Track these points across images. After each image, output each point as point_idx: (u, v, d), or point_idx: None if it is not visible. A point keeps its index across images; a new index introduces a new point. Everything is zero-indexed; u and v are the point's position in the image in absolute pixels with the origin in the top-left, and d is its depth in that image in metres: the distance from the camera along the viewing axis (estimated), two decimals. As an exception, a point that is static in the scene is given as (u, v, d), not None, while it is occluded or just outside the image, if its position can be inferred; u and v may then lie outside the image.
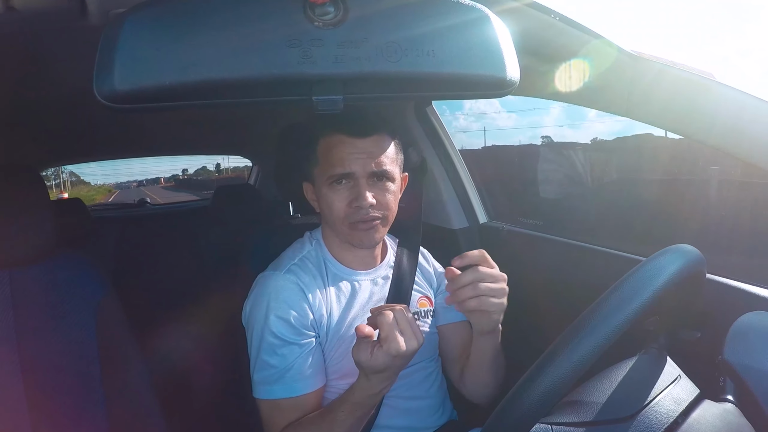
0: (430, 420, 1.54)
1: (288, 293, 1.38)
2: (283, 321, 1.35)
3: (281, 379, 1.34)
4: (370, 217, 1.38)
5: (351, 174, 1.36)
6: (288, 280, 1.40)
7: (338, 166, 1.36)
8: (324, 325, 1.41)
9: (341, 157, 1.36)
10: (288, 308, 1.37)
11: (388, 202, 1.40)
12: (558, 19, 1.23)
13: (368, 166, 1.36)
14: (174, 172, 12.89)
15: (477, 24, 0.87)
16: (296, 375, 1.34)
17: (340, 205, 1.38)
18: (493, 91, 0.92)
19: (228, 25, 0.75)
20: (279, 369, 1.34)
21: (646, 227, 2.11)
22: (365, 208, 1.36)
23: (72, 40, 1.19)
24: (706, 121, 1.23)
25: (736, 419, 0.89)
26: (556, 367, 0.77)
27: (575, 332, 0.80)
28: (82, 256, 1.54)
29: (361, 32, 0.80)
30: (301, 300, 1.39)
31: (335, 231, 1.45)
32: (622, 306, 0.81)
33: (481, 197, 2.27)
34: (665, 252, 0.92)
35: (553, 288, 1.76)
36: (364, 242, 1.42)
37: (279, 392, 1.34)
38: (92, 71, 0.73)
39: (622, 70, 1.33)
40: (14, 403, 1.36)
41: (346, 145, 1.36)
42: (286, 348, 1.35)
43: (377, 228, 1.41)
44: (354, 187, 1.37)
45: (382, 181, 1.40)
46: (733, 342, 0.97)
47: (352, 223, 1.38)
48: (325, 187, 1.39)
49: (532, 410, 0.76)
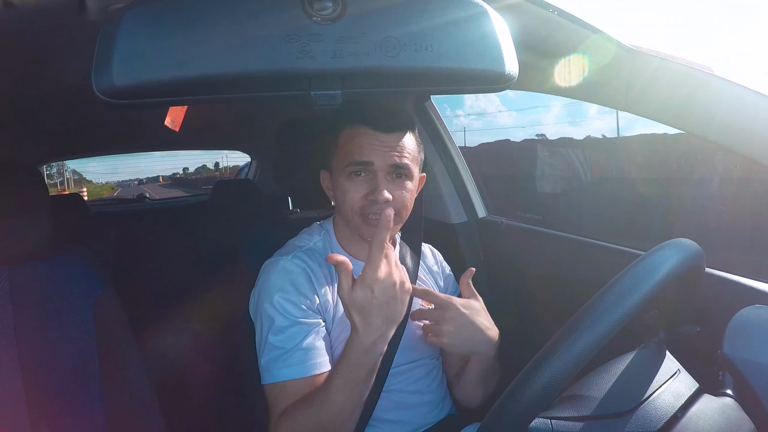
0: (429, 415, 1.54)
1: (295, 276, 1.39)
2: (290, 302, 1.36)
3: (287, 360, 1.33)
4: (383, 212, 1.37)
5: (369, 163, 1.36)
6: (295, 264, 1.41)
7: (357, 153, 1.36)
8: (330, 313, 1.42)
9: (361, 146, 1.36)
10: (295, 290, 1.37)
11: (404, 200, 1.40)
12: (557, 14, 1.23)
13: (388, 158, 1.36)
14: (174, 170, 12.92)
15: (475, 19, 0.87)
16: (303, 356, 1.33)
17: (356, 196, 1.37)
18: (491, 86, 0.92)
19: (227, 20, 0.75)
20: (285, 350, 1.33)
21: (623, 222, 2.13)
22: (380, 202, 1.35)
23: (70, 36, 1.19)
24: (705, 115, 1.23)
25: (736, 413, 0.89)
26: (555, 362, 0.77)
27: (574, 327, 0.80)
28: (81, 252, 1.54)
29: (359, 27, 0.80)
30: (308, 283, 1.39)
31: (347, 221, 1.44)
32: (621, 300, 0.81)
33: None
34: (664, 246, 0.92)
35: (551, 282, 1.77)
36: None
37: (285, 374, 1.33)
38: (91, 67, 0.73)
39: (620, 65, 1.32)
40: (13, 399, 1.36)
41: (370, 136, 1.36)
42: (294, 328, 1.35)
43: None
44: (372, 180, 1.37)
45: (401, 178, 1.39)
46: (732, 336, 0.97)
47: (365, 216, 1.38)
48: (343, 177, 1.39)
49: (531, 405, 0.76)
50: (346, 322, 1.41)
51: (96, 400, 1.44)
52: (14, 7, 0.91)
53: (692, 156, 2.15)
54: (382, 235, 1.19)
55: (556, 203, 3.13)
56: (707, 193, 2.06)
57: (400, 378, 1.49)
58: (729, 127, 1.19)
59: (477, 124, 49.33)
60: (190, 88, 0.76)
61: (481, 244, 2.15)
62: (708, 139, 1.26)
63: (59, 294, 1.44)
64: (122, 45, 0.72)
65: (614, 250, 1.60)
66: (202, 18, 0.75)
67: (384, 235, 1.19)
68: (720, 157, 1.75)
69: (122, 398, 1.46)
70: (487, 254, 2.12)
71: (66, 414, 1.41)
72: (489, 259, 2.10)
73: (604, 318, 0.79)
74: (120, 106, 0.75)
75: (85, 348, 1.44)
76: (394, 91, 0.94)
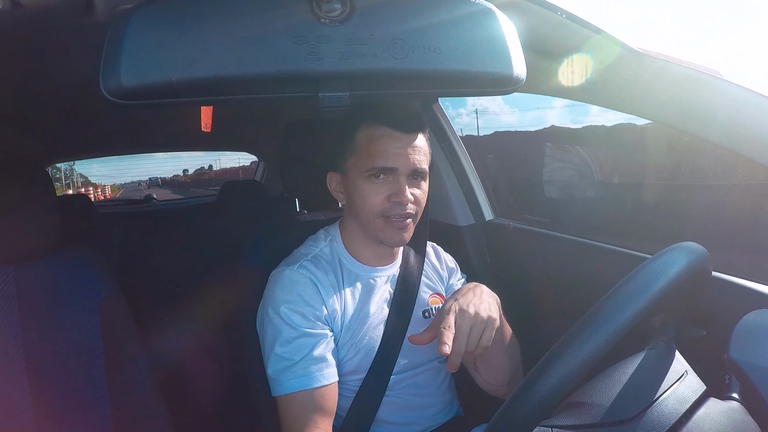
0: (436, 417, 1.54)
1: (301, 287, 1.38)
2: (297, 313, 1.35)
3: (297, 372, 1.33)
4: (406, 213, 1.37)
5: (393, 169, 1.35)
6: (301, 274, 1.40)
7: (381, 159, 1.35)
8: (338, 321, 1.41)
9: (385, 150, 1.35)
10: (301, 300, 1.36)
11: (421, 201, 1.41)
12: (564, 16, 1.23)
13: (410, 163, 1.36)
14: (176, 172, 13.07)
15: (483, 21, 0.87)
16: (311, 367, 1.33)
17: (377, 199, 1.36)
18: (499, 88, 0.92)
19: (235, 21, 0.75)
20: (294, 361, 1.33)
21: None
22: (405, 204, 1.35)
23: (78, 37, 1.19)
24: (707, 117, 1.23)
25: (742, 417, 0.89)
26: (563, 365, 0.77)
27: (581, 330, 0.80)
28: (86, 251, 1.54)
29: (367, 29, 0.80)
30: (315, 294, 1.38)
31: (363, 225, 1.43)
32: (628, 304, 0.81)
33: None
34: (671, 249, 0.92)
35: (558, 285, 1.76)
36: (395, 239, 1.40)
37: (294, 385, 1.32)
38: (99, 67, 0.73)
39: (624, 67, 1.32)
40: (19, 398, 1.37)
41: (392, 138, 1.35)
42: (301, 339, 1.34)
43: (408, 227, 1.40)
44: (393, 182, 1.36)
45: (418, 179, 1.40)
46: (738, 340, 0.97)
47: (387, 218, 1.37)
48: (361, 179, 1.37)
49: (537, 408, 0.76)
50: (354, 328, 1.41)
51: (101, 399, 1.44)
52: (22, 6, 0.91)
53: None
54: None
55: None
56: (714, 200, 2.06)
57: (406, 382, 1.49)
58: (731, 129, 1.19)
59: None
60: (197, 88, 0.77)
61: (487, 247, 2.14)
62: (710, 140, 1.26)
63: (65, 293, 1.45)
64: (130, 45, 0.72)
65: (621, 252, 1.60)
66: (210, 19, 0.75)
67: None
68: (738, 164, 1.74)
69: (127, 398, 1.47)
70: (494, 257, 2.12)
71: (71, 413, 1.41)
72: (496, 263, 2.10)
73: (611, 321, 0.79)
74: (127, 106, 0.75)
75: (91, 347, 1.45)
76: (402, 93, 0.94)
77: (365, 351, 1.44)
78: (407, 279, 1.53)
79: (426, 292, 1.57)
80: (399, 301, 1.49)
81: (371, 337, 1.44)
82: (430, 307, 1.55)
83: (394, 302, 1.49)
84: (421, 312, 1.53)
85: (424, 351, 1.50)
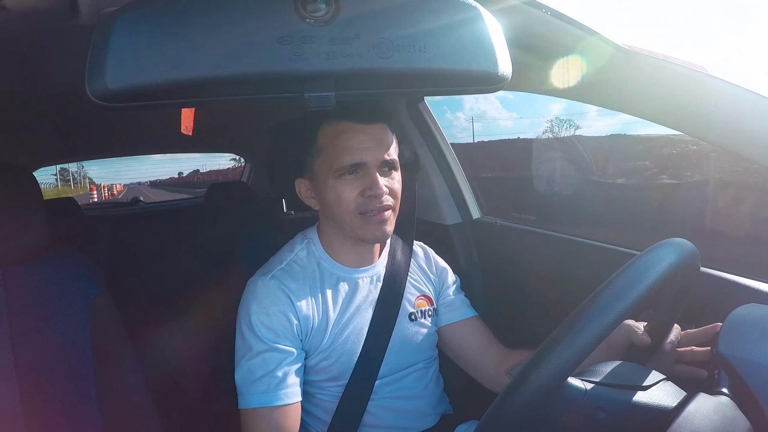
0: (426, 419, 1.53)
1: (270, 299, 1.35)
2: (266, 326, 1.33)
3: (259, 387, 1.31)
4: (384, 206, 1.34)
5: (363, 164, 1.33)
6: (271, 286, 1.37)
7: (348, 155, 1.32)
8: (315, 329, 1.38)
9: (350, 146, 1.32)
10: (269, 315, 1.34)
11: (396, 191, 1.38)
12: (550, 14, 1.23)
13: (379, 155, 1.34)
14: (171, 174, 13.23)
15: (468, 20, 0.87)
16: (273, 384, 1.31)
17: (351, 195, 1.34)
18: (485, 87, 0.93)
19: (220, 22, 0.75)
20: (257, 376, 1.31)
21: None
22: (380, 196, 1.33)
23: (63, 40, 1.19)
24: (700, 116, 1.23)
25: (731, 412, 0.89)
26: (551, 362, 0.77)
27: (570, 326, 0.80)
28: (75, 255, 1.54)
29: (352, 29, 0.80)
30: (287, 305, 1.36)
31: (340, 226, 1.40)
32: (616, 300, 0.81)
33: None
34: (659, 246, 0.92)
35: (547, 282, 1.76)
36: (376, 235, 1.38)
37: (255, 401, 1.31)
38: (84, 70, 0.73)
39: (616, 66, 1.32)
40: (9, 402, 1.36)
41: (356, 132, 1.33)
42: (267, 354, 1.32)
43: (389, 220, 1.37)
44: (365, 176, 1.33)
45: (390, 170, 1.38)
46: (727, 335, 0.97)
47: (364, 214, 1.34)
48: (332, 179, 1.34)
49: (526, 405, 0.76)
50: (336, 332, 1.40)
51: (92, 402, 1.43)
52: (7, 10, 0.91)
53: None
54: None
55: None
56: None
57: (393, 386, 1.48)
58: (725, 128, 1.19)
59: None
60: (183, 90, 0.77)
61: (475, 245, 2.15)
62: (705, 139, 1.26)
63: (54, 297, 1.44)
64: (115, 48, 0.72)
65: (610, 249, 1.60)
66: (195, 20, 0.75)
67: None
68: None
69: (118, 400, 1.46)
70: (481, 255, 2.12)
71: (62, 416, 1.40)
72: (483, 260, 2.10)
73: (599, 318, 0.80)
74: (114, 109, 0.75)
75: (81, 350, 1.44)
76: (388, 93, 0.94)
77: (348, 355, 1.41)
78: (393, 277, 1.51)
79: (412, 294, 1.54)
80: (384, 302, 1.47)
81: (354, 341, 1.42)
82: (416, 309, 1.53)
83: (379, 303, 1.46)
84: (407, 314, 1.51)
85: (410, 353, 1.49)
